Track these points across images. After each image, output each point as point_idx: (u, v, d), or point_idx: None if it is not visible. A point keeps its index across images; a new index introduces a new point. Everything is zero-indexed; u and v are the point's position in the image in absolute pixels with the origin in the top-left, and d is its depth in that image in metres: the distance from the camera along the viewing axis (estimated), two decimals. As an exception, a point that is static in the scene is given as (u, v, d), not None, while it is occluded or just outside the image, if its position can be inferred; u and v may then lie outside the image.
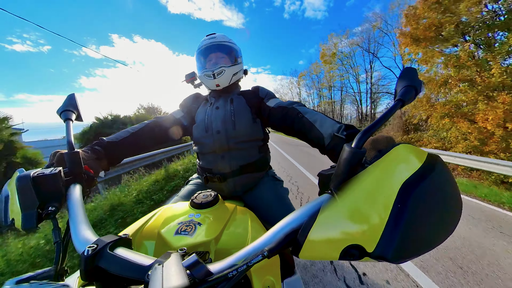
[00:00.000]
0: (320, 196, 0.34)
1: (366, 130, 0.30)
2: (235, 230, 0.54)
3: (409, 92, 0.33)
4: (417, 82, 0.34)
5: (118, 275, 0.29)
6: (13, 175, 0.44)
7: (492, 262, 1.82)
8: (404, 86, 0.33)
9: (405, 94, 0.33)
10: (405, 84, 0.34)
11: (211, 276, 0.27)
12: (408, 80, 0.34)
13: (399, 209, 0.24)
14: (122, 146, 0.75)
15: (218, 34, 0.94)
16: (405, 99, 0.33)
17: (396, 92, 0.34)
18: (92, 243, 0.32)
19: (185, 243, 0.45)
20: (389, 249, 0.23)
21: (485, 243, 2.10)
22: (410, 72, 0.35)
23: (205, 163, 0.93)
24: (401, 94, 0.33)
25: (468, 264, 1.78)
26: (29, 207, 0.40)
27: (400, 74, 0.35)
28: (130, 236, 0.37)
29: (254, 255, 0.29)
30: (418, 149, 0.30)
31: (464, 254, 1.92)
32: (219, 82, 0.89)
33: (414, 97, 0.34)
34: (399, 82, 0.35)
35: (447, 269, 1.71)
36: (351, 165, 0.29)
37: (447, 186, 0.27)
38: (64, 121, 0.54)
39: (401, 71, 0.35)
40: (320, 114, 0.66)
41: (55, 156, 0.53)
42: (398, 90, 0.34)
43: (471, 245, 2.06)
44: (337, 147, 0.53)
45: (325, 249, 0.28)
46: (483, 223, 2.55)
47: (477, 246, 2.06)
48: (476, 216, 2.75)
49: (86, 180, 0.52)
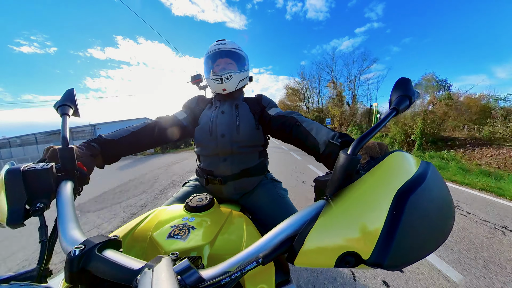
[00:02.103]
0: (315, 202, 0.34)
1: (362, 138, 0.30)
2: (230, 235, 0.53)
3: (403, 101, 0.34)
4: (411, 92, 0.34)
5: (106, 278, 0.28)
6: (3, 168, 0.43)
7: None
8: (398, 96, 0.35)
9: (399, 103, 0.34)
10: (399, 94, 0.35)
11: (203, 282, 0.26)
12: (403, 90, 0.35)
13: (394, 216, 0.24)
14: (121, 144, 0.74)
15: (228, 41, 0.97)
16: (399, 108, 0.34)
17: (391, 101, 0.35)
18: (80, 243, 0.31)
19: (178, 247, 0.44)
20: (385, 256, 0.23)
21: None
22: (405, 82, 0.36)
23: (206, 165, 0.94)
24: (395, 103, 0.34)
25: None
26: (17, 202, 0.39)
27: (394, 84, 0.36)
28: (120, 238, 0.36)
29: (248, 261, 0.28)
30: (412, 156, 0.31)
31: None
32: (226, 86, 0.92)
33: (409, 106, 0.35)
34: (393, 92, 0.36)
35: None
36: (346, 171, 0.30)
37: (440, 192, 0.27)
38: (61, 116, 0.52)
39: (396, 81, 0.36)
40: (317, 123, 0.68)
41: (48, 151, 0.52)
42: (393, 99, 0.35)
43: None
44: (332, 153, 0.54)
45: (321, 256, 0.27)
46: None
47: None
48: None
49: (79, 177, 0.51)
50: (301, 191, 3.62)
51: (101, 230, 2.56)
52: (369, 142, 0.38)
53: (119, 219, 2.85)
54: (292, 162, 6.61)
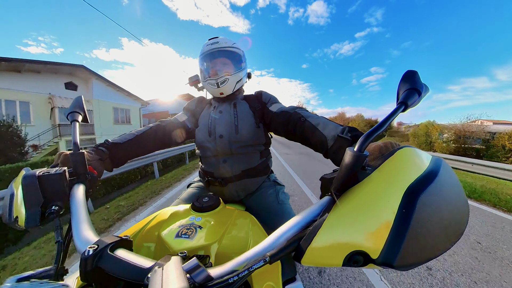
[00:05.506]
0: (321, 200, 0.33)
1: (369, 134, 0.29)
2: (236, 234, 0.53)
3: (411, 95, 0.32)
4: (419, 85, 0.32)
5: (118, 276, 0.29)
6: (19, 174, 0.45)
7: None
8: (406, 89, 0.32)
9: (407, 97, 0.32)
10: (407, 87, 0.32)
11: (212, 281, 0.27)
12: (411, 83, 0.32)
13: (404, 214, 0.23)
14: (126, 147, 0.75)
15: (220, 38, 0.90)
16: (408, 102, 0.31)
17: (399, 95, 0.33)
18: (93, 243, 0.32)
19: (186, 247, 0.45)
20: (394, 256, 0.22)
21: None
22: (412, 75, 0.33)
23: (207, 167, 0.92)
24: (403, 97, 0.32)
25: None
26: (33, 205, 0.40)
27: (402, 78, 0.34)
28: (130, 238, 0.37)
29: (255, 260, 0.28)
30: (422, 152, 0.29)
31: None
32: (223, 90, 0.90)
33: (418, 100, 0.32)
34: (401, 85, 0.33)
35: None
36: (353, 168, 0.29)
37: (453, 190, 0.26)
38: (71, 123, 0.55)
39: (403, 74, 0.34)
40: (323, 118, 0.65)
41: (60, 156, 0.54)
42: (401, 93, 0.33)
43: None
44: (341, 148, 0.51)
45: (329, 255, 0.27)
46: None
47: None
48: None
49: (90, 180, 0.52)
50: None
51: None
52: (379, 140, 0.36)
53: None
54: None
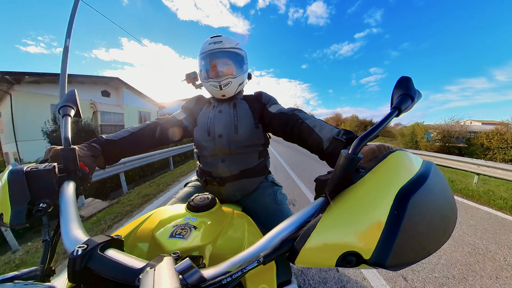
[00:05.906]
0: (315, 201, 0.34)
1: (363, 137, 0.30)
2: (232, 235, 0.53)
3: (405, 100, 0.33)
4: (412, 91, 0.33)
5: (108, 277, 0.28)
6: (5, 169, 0.43)
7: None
8: (400, 95, 0.33)
9: (401, 102, 0.33)
10: (401, 93, 0.34)
11: (205, 282, 0.26)
12: (404, 89, 0.34)
13: (395, 215, 0.24)
14: (121, 145, 0.74)
15: (224, 37, 0.88)
16: (401, 107, 0.32)
17: (393, 101, 0.34)
18: (83, 243, 0.31)
19: (180, 247, 0.44)
20: (386, 256, 0.23)
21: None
22: (406, 81, 0.35)
23: (205, 166, 0.92)
24: (397, 102, 0.33)
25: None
26: (20, 202, 0.39)
27: (396, 84, 0.35)
28: (122, 238, 0.36)
29: (249, 261, 0.28)
30: (414, 155, 0.31)
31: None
32: (225, 93, 0.89)
33: (411, 106, 0.34)
34: (395, 91, 0.35)
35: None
36: (347, 170, 0.30)
37: (442, 192, 0.27)
38: (62, 117, 0.53)
39: (397, 80, 0.35)
40: (320, 121, 0.67)
41: (50, 152, 0.52)
42: (395, 98, 0.34)
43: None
44: (336, 151, 0.52)
45: (322, 256, 0.27)
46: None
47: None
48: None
49: (81, 177, 0.51)
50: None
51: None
52: (372, 143, 0.37)
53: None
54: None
